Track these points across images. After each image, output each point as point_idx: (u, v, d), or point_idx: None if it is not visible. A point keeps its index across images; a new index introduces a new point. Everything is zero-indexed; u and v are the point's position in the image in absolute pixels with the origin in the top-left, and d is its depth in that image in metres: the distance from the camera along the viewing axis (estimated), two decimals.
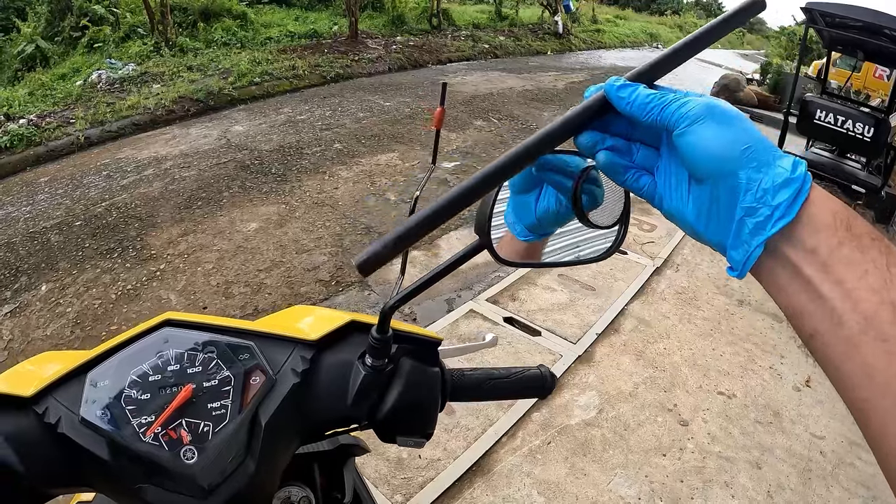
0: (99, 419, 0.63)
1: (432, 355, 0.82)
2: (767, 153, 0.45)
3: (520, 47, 16.21)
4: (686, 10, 42.16)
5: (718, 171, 0.45)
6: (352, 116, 8.19)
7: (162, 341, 0.69)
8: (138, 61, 9.92)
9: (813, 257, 0.43)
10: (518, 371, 0.88)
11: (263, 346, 0.72)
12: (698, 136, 0.46)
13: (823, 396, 3.53)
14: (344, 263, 4.48)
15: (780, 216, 0.43)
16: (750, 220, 0.44)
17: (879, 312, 0.40)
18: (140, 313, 3.79)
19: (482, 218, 0.61)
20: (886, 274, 0.41)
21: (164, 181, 5.72)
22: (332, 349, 0.77)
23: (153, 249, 4.51)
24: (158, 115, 7.71)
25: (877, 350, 0.39)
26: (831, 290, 0.42)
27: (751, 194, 0.44)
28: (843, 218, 0.43)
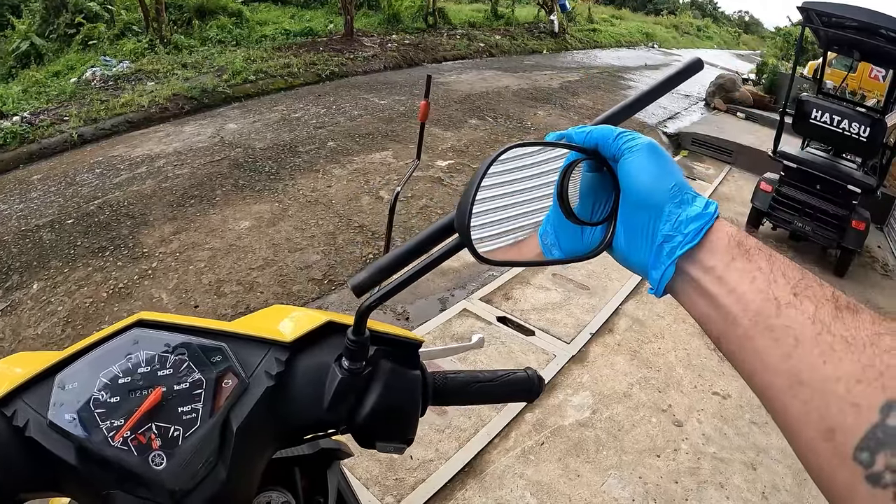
0: (67, 423, 0.61)
1: (413, 357, 0.79)
2: (687, 193, 0.54)
3: (515, 46, 16.18)
4: (682, 11, 42.16)
5: (647, 201, 0.54)
6: (346, 115, 8.15)
7: (132, 342, 0.67)
8: (133, 59, 9.86)
9: (711, 273, 0.51)
10: (504, 374, 0.85)
11: (237, 348, 0.70)
12: (636, 167, 0.55)
13: None
14: (337, 262, 4.45)
15: (688, 241, 0.52)
16: (667, 245, 0.53)
17: (765, 308, 0.47)
18: (131, 312, 3.73)
19: (462, 214, 0.57)
20: (770, 275, 0.48)
21: (157, 179, 5.68)
22: (308, 351, 0.74)
23: (145, 248, 4.47)
24: (152, 112, 7.65)
25: (766, 339, 0.47)
26: (727, 297, 0.50)
27: (669, 224, 0.53)
28: (736, 238, 0.52)
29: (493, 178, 0.59)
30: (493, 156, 0.57)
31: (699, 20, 39.43)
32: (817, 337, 0.44)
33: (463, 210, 0.58)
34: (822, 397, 0.43)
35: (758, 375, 0.48)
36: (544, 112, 9.65)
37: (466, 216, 0.57)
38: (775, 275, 0.48)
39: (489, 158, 0.57)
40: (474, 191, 0.57)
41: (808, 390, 0.44)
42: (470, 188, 0.57)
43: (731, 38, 39.85)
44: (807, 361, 0.44)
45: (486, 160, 0.57)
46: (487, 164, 0.57)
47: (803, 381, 0.44)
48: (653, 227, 0.54)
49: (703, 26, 37.27)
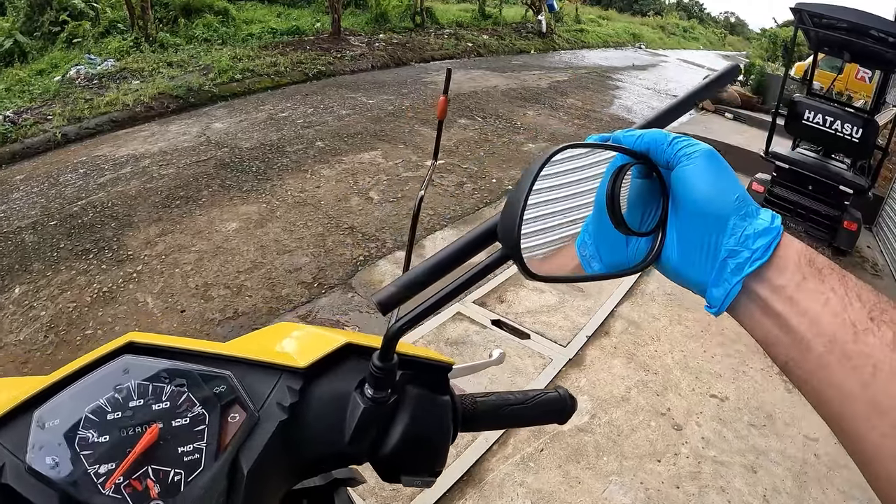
0: (49, 468, 0.52)
1: (442, 382, 0.73)
2: (752, 205, 0.50)
3: (503, 46, 16.15)
4: (668, 12, 42.36)
5: (708, 212, 0.50)
6: (334, 114, 8.06)
7: (121, 371, 0.58)
8: (118, 57, 9.72)
9: (781, 293, 0.48)
10: (536, 395, 0.79)
11: (243, 376, 0.61)
12: (697, 175, 0.51)
13: None
14: (326, 265, 4.37)
15: (757, 258, 0.48)
16: (732, 261, 0.49)
17: (840, 333, 0.44)
18: (116, 317, 3.65)
19: (510, 222, 0.51)
20: (845, 298, 0.45)
21: (142, 179, 5.56)
22: (324, 377, 0.66)
23: (130, 250, 4.36)
24: (137, 111, 7.53)
25: (843, 367, 0.44)
26: (798, 320, 0.47)
27: (734, 238, 0.49)
28: (806, 256, 0.49)
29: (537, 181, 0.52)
30: (544, 157, 0.52)
31: (685, 21, 39.63)
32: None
33: (510, 218, 0.51)
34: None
35: (832, 404, 0.45)
36: (533, 112, 9.61)
37: (515, 226, 0.50)
38: (850, 297, 0.46)
39: (540, 160, 0.51)
40: (525, 196, 0.50)
41: (888, 422, 0.42)
42: (518, 193, 0.51)
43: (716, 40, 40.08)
44: (886, 392, 0.42)
45: (536, 161, 0.52)
46: (539, 165, 0.51)
47: (882, 412, 0.42)
48: (715, 240, 0.50)
49: (689, 27, 37.46)
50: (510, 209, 0.51)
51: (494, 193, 6.05)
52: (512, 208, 0.51)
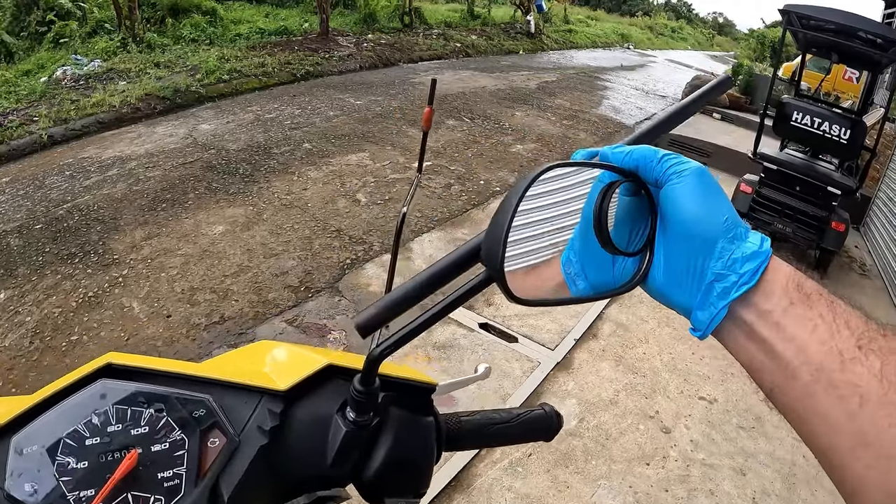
0: (27, 495, 0.50)
1: (425, 402, 0.71)
2: (740, 227, 0.49)
3: (492, 46, 16.14)
4: (656, 12, 42.51)
5: (697, 234, 0.49)
6: (322, 115, 8.02)
7: (99, 395, 0.56)
8: (105, 57, 9.62)
9: (767, 318, 0.47)
10: (521, 413, 0.78)
11: (223, 399, 0.60)
12: (686, 194, 0.49)
13: None
14: (313, 268, 4.33)
15: (744, 283, 0.47)
16: (718, 285, 0.48)
17: (827, 362, 0.43)
18: (101, 322, 3.61)
19: (494, 244, 0.49)
20: (833, 325, 0.45)
21: (129, 182, 5.50)
22: (305, 399, 0.64)
23: (116, 254, 4.31)
24: (124, 113, 7.44)
25: (829, 396, 0.43)
26: (784, 346, 0.46)
27: (721, 262, 0.48)
28: (794, 280, 0.48)
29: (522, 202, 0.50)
30: (529, 177, 0.50)
31: (673, 21, 39.80)
32: (884, 397, 0.41)
33: (495, 241, 0.49)
34: (887, 462, 0.41)
35: (818, 434, 0.45)
36: (522, 113, 9.61)
37: (500, 249, 0.48)
38: (838, 324, 0.45)
39: (526, 180, 0.50)
40: (509, 218, 0.48)
41: (873, 454, 0.41)
42: (502, 215, 0.49)
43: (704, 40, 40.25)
44: (873, 423, 0.41)
45: (521, 182, 0.50)
46: (525, 186, 0.49)
47: (868, 443, 0.42)
48: (701, 263, 0.49)
49: (677, 28, 37.62)
50: (494, 231, 0.50)
51: (482, 195, 6.03)
52: (496, 230, 0.49)
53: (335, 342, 3.58)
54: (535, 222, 0.55)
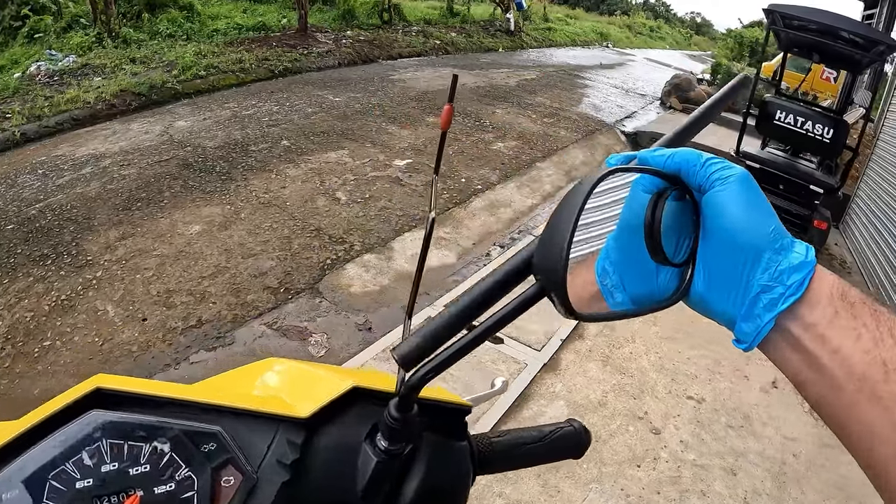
0: None
1: (459, 425, 0.67)
2: (786, 237, 0.47)
3: (471, 44, 16.10)
4: (635, 11, 42.78)
5: (745, 244, 0.47)
6: (300, 112, 7.90)
7: (90, 429, 0.47)
8: (80, 53, 9.45)
9: (812, 330, 0.45)
10: (550, 431, 0.76)
11: (235, 429, 0.52)
12: (733, 201, 0.47)
13: (791, 397, 3.54)
14: (293, 269, 4.23)
15: (790, 294, 0.45)
16: (765, 297, 0.46)
17: (870, 372, 0.42)
18: (75, 327, 3.48)
19: (553, 253, 0.45)
20: (876, 333, 0.43)
21: (103, 180, 5.35)
22: (329, 426, 0.58)
23: (89, 255, 4.17)
24: (99, 109, 7.29)
25: (873, 408, 0.42)
26: (829, 358, 0.44)
27: (768, 273, 0.46)
28: (839, 289, 0.46)
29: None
30: (591, 180, 0.46)
31: (652, 21, 40.04)
32: None
33: (554, 249, 0.45)
34: None
35: (862, 444, 0.44)
36: (502, 110, 9.55)
37: (561, 259, 0.44)
38: (882, 333, 0.44)
39: (587, 183, 0.46)
40: (573, 224, 0.44)
41: None
42: (562, 221, 0.45)
43: (682, 39, 40.58)
44: None
45: (581, 186, 0.47)
46: (588, 190, 0.46)
47: None
48: (746, 273, 0.47)
49: (655, 27, 37.88)
50: (553, 239, 0.46)
51: (464, 193, 5.96)
52: (555, 238, 0.45)
53: (316, 345, 3.49)
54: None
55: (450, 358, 0.52)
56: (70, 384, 1.74)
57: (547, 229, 0.47)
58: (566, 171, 7.43)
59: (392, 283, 4.23)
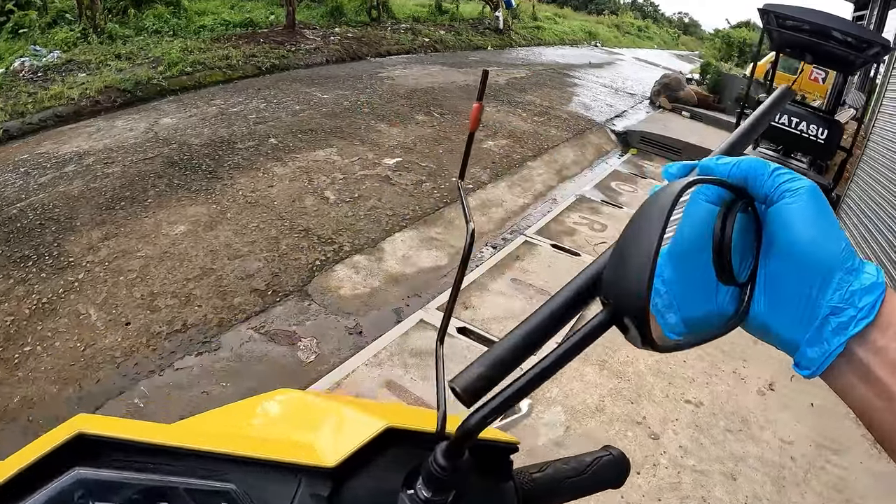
0: None
1: (505, 465, 0.63)
2: (856, 257, 0.45)
3: (460, 42, 16.04)
4: (623, 11, 42.93)
5: (816, 262, 0.44)
6: (288, 109, 7.79)
7: (73, 492, 0.38)
8: (64, 48, 9.34)
9: (883, 355, 0.43)
10: (592, 462, 0.73)
11: (250, 484, 0.43)
12: (803, 215, 0.45)
13: (788, 399, 3.53)
14: (280, 270, 4.13)
15: (862, 318, 0.43)
16: (834, 319, 0.43)
17: None
18: (56, 331, 3.36)
19: (633, 274, 0.39)
20: None
21: (86, 179, 5.22)
22: (360, 474, 0.50)
23: (72, 256, 4.05)
24: (83, 106, 7.17)
25: None
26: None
27: (839, 294, 0.43)
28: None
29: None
30: (674, 192, 0.41)
31: (640, 20, 40.20)
32: None
33: (632, 273, 0.39)
34: None
35: None
36: (492, 108, 9.48)
37: (644, 284, 0.38)
38: None
39: (666, 199, 0.41)
40: (656, 244, 0.38)
41: None
42: (642, 238, 0.40)
43: (670, 39, 40.75)
44: None
45: (659, 200, 0.41)
46: (669, 205, 0.40)
47: None
48: (816, 294, 0.44)
49: (643, 27, 38.04)
50: (630, 257, 0.40)
51: (454, 193, 5.88)
52: (633, 257, 0.39)
53: (305, 350, 3.39)
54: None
55: (514, 395, 0.46)
56: (52, 392, 1.63)
57: (620, 245, 0.42)
58: (557, 171, 7.37)
59: (382, 286, 4.14)
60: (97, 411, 2.85)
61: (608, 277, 0.43)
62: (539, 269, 4.51)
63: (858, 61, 5.08)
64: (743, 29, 31.01)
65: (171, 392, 3.01)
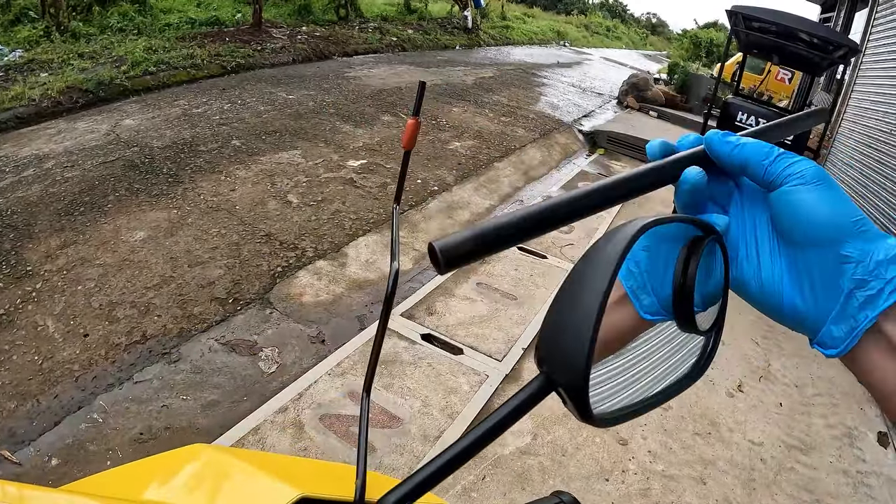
0: None
1: None
2: (873, 227, 0.43)
3: (428, 41, 15.99)
4: (592, 11, 43.25)
5: (825, 238, 0.43)
6: (252, 110, 7.65)
7: None
8: (26, 47, 9.08)
9: None
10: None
11: None
12: (808, 197, 0.44)
13: (756, 401, 3.57)
14: (242, 277, 4.03)
15: (893, 289, 0.40)
16: (860, 293, 0.41)
17: None
18: (14, 344, 3.22)
19: (579, 336, 0.34)
20: None
21: (45, 183, 5.05)
22: None
23: (29, 265, 3.91)
24: (44, 107, 6.95)
25: None
26: None
27: (863, 266, 0.41)
28: None
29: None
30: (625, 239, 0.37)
31: (609, 21, 40.53)
32: None
33: (573, 343, 0.35)
34: None
35: None
36: (459, 109, 9.45)
37: (582, 360, 0.34)
38: None
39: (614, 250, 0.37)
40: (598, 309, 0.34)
41: None
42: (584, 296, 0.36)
43: (638, 39, 41.18)
44: None
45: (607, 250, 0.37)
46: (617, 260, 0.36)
47: None
48: (833, 270, 0.43)
49: (612, 27, 38.39)
50: (569, 319, 0.36)
51: (419, 195, 5.83)
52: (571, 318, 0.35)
53: (267, 360, 3.31)
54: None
55: (441, 469, 0.40)
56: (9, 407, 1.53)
57: (558, 299, 0.38)
58: (524, 171, 7.36)
59: (346, 292, 4.07)
60: (56, 427, 2.76)
61: (543, 339, 0.38)
62: (505, 273, 4.48)
63: (825, 63, 5.15)
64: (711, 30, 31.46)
65: (131, 406, 2.92)
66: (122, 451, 2.66)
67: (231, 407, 2.96)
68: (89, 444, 2.69)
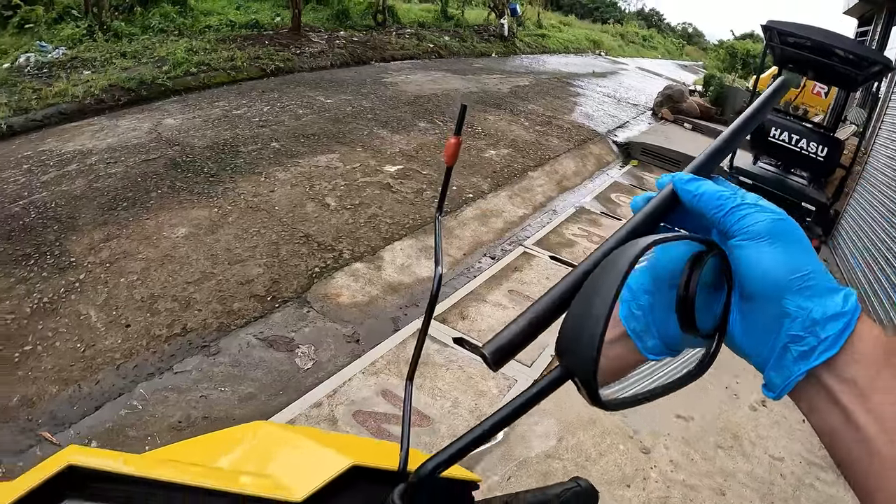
0: None
1: (466, 501, 0.66)
2: (823, 283, 0.44)
3: (465, 48, 16.05)
4: (628, 20, 42.94)
5: (766, 293, 0.45)
6: (291, 113, 7.81)
7: None
8: (70, 45, 9.32)
9: (852, 386, 0.43)
10: (558, 494, 0.68)
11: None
12: (752, 253, 0.46)
13: (779, 416, 3.55)
14: (280, 276, 4.16)
15: (825, 349, 0.43)
16: (795, 348, 0.44)
17: None
18: (57, 331, 3.38)
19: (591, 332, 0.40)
20: None
21: (89, 178, 5.25)
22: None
23: (73, 256, 4.08)
24: (87, 103, 7.15)
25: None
26: (867, 420, 0.42)
27: (798, 322, 0.44)
28: (883, 345, 0.43)
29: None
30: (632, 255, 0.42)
31: (644, 30, 40.17)
32: None
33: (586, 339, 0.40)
34: None
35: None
36: (494, 117, 9.51)
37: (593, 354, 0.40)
38: None
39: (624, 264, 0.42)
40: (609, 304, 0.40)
41: None
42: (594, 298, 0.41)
43: (674, 49, 40.72)
44: None
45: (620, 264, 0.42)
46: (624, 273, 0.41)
47: None
48: (774, 323, 0.45)
49: (648, 36, 37.99)
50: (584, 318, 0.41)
51: (454, 202, 5.92)
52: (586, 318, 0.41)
53: (303, 357, 3.43)
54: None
55: (472, 443, 0.48)
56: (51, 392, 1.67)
57: (578, 301, 0.43)
58: (558, 181, 7.40)
59: (381, 294, 4.17)
60: (97, 412, 2.89)
61: (562, 336, 0.44)
62: (536, 281, 4.55)
63: (860, 79, 5.10)
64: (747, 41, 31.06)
65: (170, 395, 3.04)
66: (161, 438, 2.78)
67: (267, 400, 3.07)
68: (129, 429, 2.81)
